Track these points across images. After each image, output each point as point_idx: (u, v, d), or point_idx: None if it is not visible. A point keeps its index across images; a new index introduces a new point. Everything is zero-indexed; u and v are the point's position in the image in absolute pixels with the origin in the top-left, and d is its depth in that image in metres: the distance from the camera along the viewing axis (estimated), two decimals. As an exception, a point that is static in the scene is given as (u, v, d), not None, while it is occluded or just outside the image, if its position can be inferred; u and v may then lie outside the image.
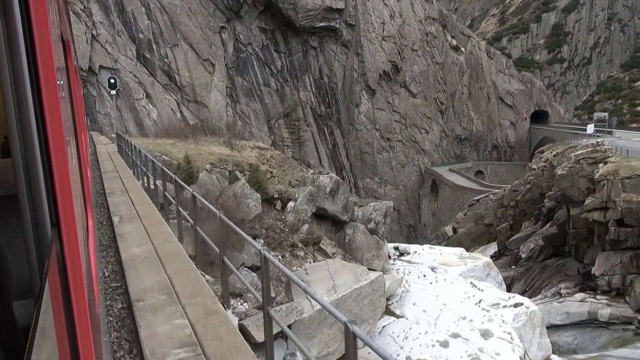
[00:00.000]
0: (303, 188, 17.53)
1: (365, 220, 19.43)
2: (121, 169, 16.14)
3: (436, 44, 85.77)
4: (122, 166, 16.95)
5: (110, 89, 26.22)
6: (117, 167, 16.44)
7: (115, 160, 18.98)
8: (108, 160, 19.02)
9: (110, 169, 16.23)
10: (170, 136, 25.12)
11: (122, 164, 17.62)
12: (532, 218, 36.96)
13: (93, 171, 14.22)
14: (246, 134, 65.80)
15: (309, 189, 17.21)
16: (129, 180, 13.90)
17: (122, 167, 16.54)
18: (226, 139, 21.50)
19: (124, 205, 11.09)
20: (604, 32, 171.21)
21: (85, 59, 56.03)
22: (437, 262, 19.69)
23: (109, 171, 15.70)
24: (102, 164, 17.64)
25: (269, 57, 73.39)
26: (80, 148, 3.60)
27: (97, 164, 17.81)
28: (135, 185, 13.31)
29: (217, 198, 15.10)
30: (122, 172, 15.45)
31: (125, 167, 16.76)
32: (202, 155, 17.64)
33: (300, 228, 16.84)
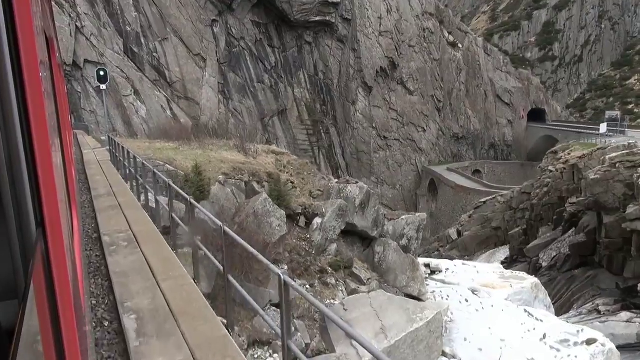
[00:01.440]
0: (331, 201, 15.01)
1: (397, 236, 16.97)
2: (119, 189, 12.64)
3: (433, 40, 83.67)
4: (119, 184, 13.40)
5: (100, 83, 22.58)
6: (112, 185, 13.05)
7: (109, 172, 15.44)
8: (99, 173, 15.43)
9: (104, 189, 12.78)
10: (169, 138, 22.12)
11: (118, 180, 14.04)
12: (550, 223, 34.91)
13: (80, 194, 11.19)
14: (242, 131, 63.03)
15: (338, 203, 14.72)
16: (134, 214, 10.18)
17: (119, 186, 13.08)
18: (239, 142, 18.71)
19: (143, 292, 6.64)
20: (594, 30, 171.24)
21: (69, 52, 52.71)
22: (477, 283, 17.39)
23: (103, 194, 12.08)
24: (92, 179, 14.16)
25: (262, 52, 70.55)
26: (65, 146, 3.56)
27: (86, 179, 14.26)
28: (148, 227, 9.48)
29: (234, 217, 12.54)
30: (121, 195, 11.92)
31: (123, 187, 13.30)
32: (213, 163, 14.93)
33: (328, 248, 14.35)
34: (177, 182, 11.89)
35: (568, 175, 33.89)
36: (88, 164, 17.82)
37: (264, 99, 69.52)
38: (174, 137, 22.00)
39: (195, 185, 12.33)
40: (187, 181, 12.72)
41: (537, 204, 36.60)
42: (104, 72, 19.73)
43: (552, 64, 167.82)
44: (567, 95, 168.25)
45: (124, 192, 12.21)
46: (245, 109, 67.39)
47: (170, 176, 12.03)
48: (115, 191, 12.02)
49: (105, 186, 12.99)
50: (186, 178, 13.01)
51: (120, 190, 12.21)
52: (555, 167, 35.65)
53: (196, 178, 12.59)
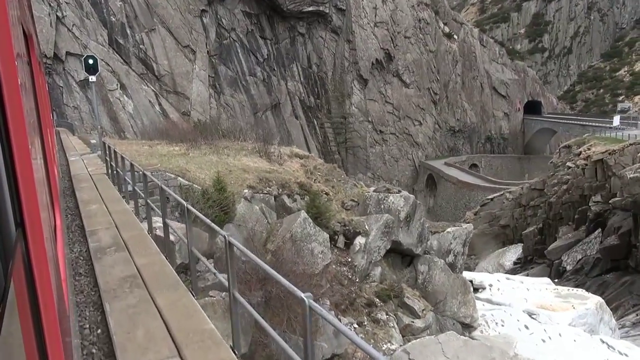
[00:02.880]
0: (375, 217, 12.59)
1: (442, 252, 14.61)
2: (130, 232, 8.03)
3: (429, 31, 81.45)
4: (128, 223, 8.51)
5: (88, 73, 19.08)
6: (116, 222, 8.60)
7: (108, 196, 10.64)
8: (95, 198, 10.60)
9: (107, 233, 8.14)
10: (171, 139, 19.16)
11: (123, 209, 9.54)
12: (571, 223, 32.98)
13: (70, 242, 7.64)
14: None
15: (384, 219, 12.31)
16: (148, 259, 6.85)
17: (130, 228, 8.26)
18: (259, 145, 15.94)
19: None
20: (583, 22, 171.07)
21: (50, 44, 49.31)
22: (532, 304, 15.18)
23: (109, 247, 7.47)
24: (87, 211, 9.60)
25: (254, 44, 67.57)
26: (46, 144, 3.48)
27: (77, 212, 9.95)
28: (163, 269, 6.57)
29: (265, 242, 10.06)
30: (135, 244, 7.48)
31: (137, 228, 8.33)
32: (234, 173, 12.26)
33: (371, 273, 11.95)
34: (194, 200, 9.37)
35: (590, 172, 31.91)
36: (77, 179, 13.06)
37: (256, 92, 66.64)
38: (177, 137, 19.10)
39: (217, 204, 9.78)
40: (208, 199, 10.11)
41: (555, 202, 34.61)
42: (93, 61, 16.41)
43: (542, 56, 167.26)
44: (557, 87, 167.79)
45: (142, 241, 7.50)
46: (237, 103, 64.47)
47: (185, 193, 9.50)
48: (128, 240, 7.45)
49: (109, 226, 8.35)
50: (205, 194, 10.39)
51: (137, 239, 7.53)
52: (574, 162, 33.65)
53: (218, 195, 10.00)
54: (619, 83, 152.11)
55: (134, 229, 8.06)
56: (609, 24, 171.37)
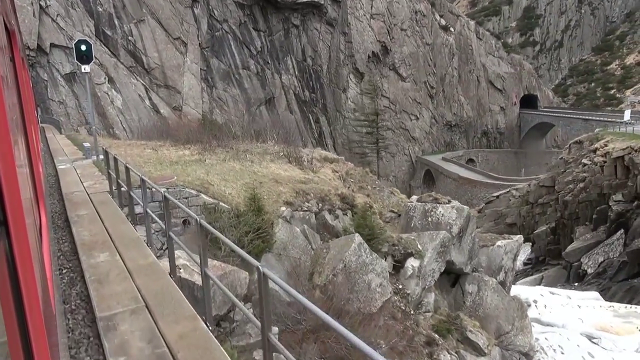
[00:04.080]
0: (429, 234, 10.73)
1: (493, 270, 12.78)
2: (173, 315, 4.85)
3: (425, 24, 79.72)
4: (165, 296, 5.21)
5: (81, 62, 15.50)
6: (145, 296, 5.36)
7: (118, 231, 7.56)
8: (100, 238, 7.36)
9: (134, 322, 4.84)
10: (176, 140, 16.84)
11: (149, 263, 6.20)
12: (588, 223, 31.55)
13: (77, 344, 4.55)
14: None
15: (441, 237, 10.49)
16: None
17: (168, 303, 5.04)
18: (291, 149, 13.74)
19: None
20: (574, 15, 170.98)
21: (33, 35, 46.59)
22: (590, 325, 13.52)
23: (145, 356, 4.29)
24: (90, 260, 6.55)
25: (247, 36, 65.19)
26: (30, 141, 3.44)
27: (77, 268, 6.60)
28: None
29: (311, 274, 8.15)
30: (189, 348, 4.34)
31: (182, 308, 4.95)
32: (265, 185, 10.19)
33: (424, 300, 10.11)
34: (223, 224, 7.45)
35: (610, 170, 30.46)
36: (72, 202, 9.64)
37: (250, 86, 64.36)
38: (182, 138, 16.81)
39: (253, 228, 7.81)
40: (240, 222, 8.10)
41: (571, 200, 33.12)
42: (86, 46, 13.88)
43: (533, 49, 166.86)
44: (549, 81, 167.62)
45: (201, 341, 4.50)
46: (230, 97, 62.17)
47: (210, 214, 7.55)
48: (176, 343, 4.38)
49: (135, 307, 5.16)
50: (237, 216, 8.34)
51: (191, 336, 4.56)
52: (591, 159, 32.16)
53: (254, 217, 7.99)
54: (610, 77, 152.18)
55: (180, 309, 4.84)
56: (599, 18, 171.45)
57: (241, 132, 20.58)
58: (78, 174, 12.98)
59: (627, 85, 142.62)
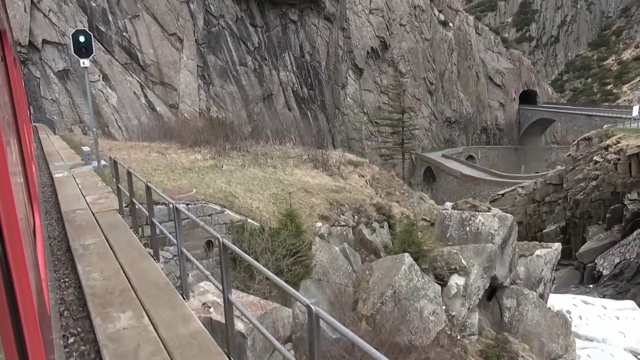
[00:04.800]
0: (474, 247, 9.67)
1: (532, 282, 11.75)
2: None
3: (424, 19, 78.69)
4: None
5: (79, 55, 13.14)
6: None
7: (138, 272, 5.86)
8: (115, 282, 5.67)
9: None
10: (182, 142, 15.50)
11: (193, 332, 4.55)
12: (601, 222, 30.72)
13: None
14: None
15: (488, 250, 9.43)
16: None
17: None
18: (316, 153, 12.50)
19: None
20: (570, 10, 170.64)
21: (24, 31, 45.13)
22: (634, 340, 12.59)
23: None
24: (108, 328, 4.72)
25: (244, 32, 63.89)
26: (23, 141, 3.40)
27: (92, 339, 4.75)
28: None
29: (355, 302, 7.04)
30: None
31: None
32: (295, 195, 8.93)
33: (467, 322, 9.03)
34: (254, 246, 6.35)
35: (624, 168, 29.62)
36: (74, 224, 7.91)
37: (247, 83, 63.10)
38: (190, 140, 15.46)
39: (291, 251, 6.67)
40: (273, 242, 6.96)
41: (583, 199, 32.27)
42: (85, 37, 12.68)
43: (530, 45, 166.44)
44: (545, 77, 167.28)
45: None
46: (227, 94, 60.89)
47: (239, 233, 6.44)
48: None
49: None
50: (271, 234, 7.17)
51: None
52: (603, 156, 31.30)
53: (292, 238, 6.82)
54: (607, 72, 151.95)
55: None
56: (595, 13, 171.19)
57: (256, 133, 19.32)
58: (78, 185, 11.05)
59: (624, 80, 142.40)
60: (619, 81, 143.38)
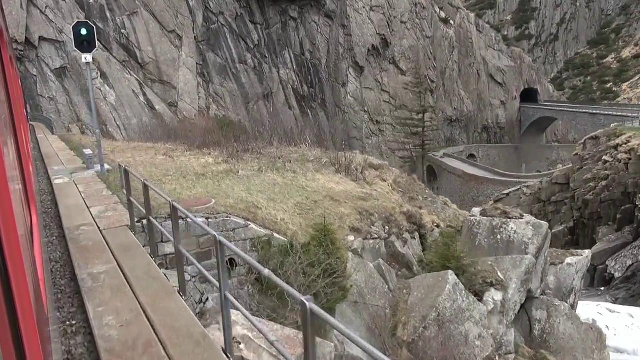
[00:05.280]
0: (512, 259, 9.01)
1: (562, 293, 11.07)
2: None
3: (425, 16, 78.03)
4: None
5: (81, 50, 11.94)
6: None
7: (159, 308, 4.80)
8: (133, 320, 4.63)
9: None
10: (190, 143, 14.63)
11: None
12: (611, 223, 30.14)
13: None
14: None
15: (526, 262, 8.78)
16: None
17: None
18: (337, 156, 11.66)
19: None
20: (569, 8, 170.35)
21: (20, 28, 44.22)
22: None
23: None
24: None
25: (243, 29, 63.05)
26: (20, 140, 3.41)
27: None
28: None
29: (394, 326, 6.35)
30: None
31: None
32: (321, 203, 8.17)
33: (504, 339, 8.34)
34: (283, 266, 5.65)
35: (635, 167, 29.03)
36: (79, 245, 6.77)
37: (247, 81, 62.28)
38: (197, 141, 14.57)
39: (326, 271, 5.90)
40: (302, 260, 6.20)
41: (592, 199, 31.69)
42: (87, 30, 11.69)
43: (529, 43, 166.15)
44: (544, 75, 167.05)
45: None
46: (227, 92, 60.07)
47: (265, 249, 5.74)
48: None
49: None
50: (299, 253, 6.36)
51: None
52: (613, 156, 30.71)
53: (326, 255, 6.02)
54: (606, 70, 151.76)
55: None
56: (595, 11, 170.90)
57: (270, 134, 18.50)
58: (81, 194, 9.81)
59: (624, 78, 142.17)
60: (618, 79, 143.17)
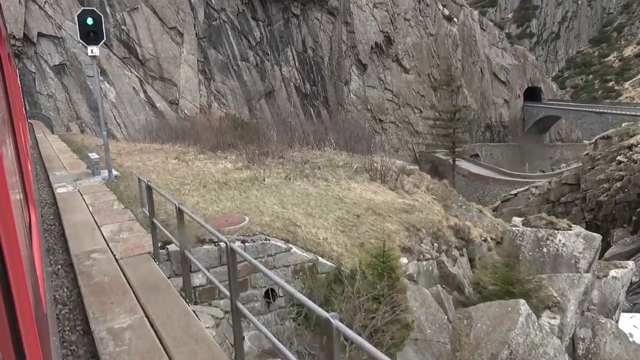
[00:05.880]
0: (569, 277, 8.14)
1: (608, 308, 10.17)
2: None
3: (429, 13, 77.13)
4: None
5: (87, 42, 9.77)
6: None
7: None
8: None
9: None
10: (202, 145, 13.46)
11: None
12: (626, 225, 29.39)
13: None
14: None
15: (585, 281, 7.91)
16: None
17: None
18: (370, 161, 10.52)
19: None
20: (571, 6, 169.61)
21: (19, 24, 43.28)
22: None
23: None
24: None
25: (245, 26, 62.08)
26: (18, 138, 3.38)
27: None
28: None
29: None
30: None
31: None
32: (363, 219, 6.85)
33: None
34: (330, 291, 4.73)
35: (652, 168, 28.32)
36: (90, 279, 5.39)
37: (249, 79, 61.33)
38: (210, 143, 13.41)
39: (389, 305, 4.85)
40: (354, 291, 5.17)
41: (606, 201, 30.92)
42: (94, 20, 9.96)
43: (530, 41, 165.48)
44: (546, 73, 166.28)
45: None
46: (229, 90, 59.13)
47: (313, 277, 4.85)
48: None
49: None
50: (350, 278, 5.33)
51: None
52: (628, 156, 29.94)
53: (386, 287, 4.95)
54: (608, 69, 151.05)
55: None
56: (596, 9, 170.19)
57: (290, 135, 17.41)
58: (88, 207, 8.47)
59: (626, 77, 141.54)
60: (620, 78, 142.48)
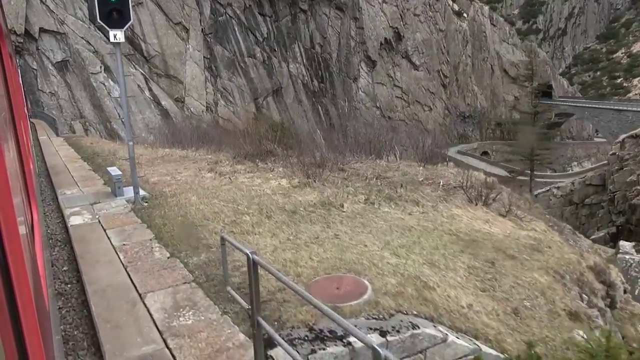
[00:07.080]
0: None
1: None
2: None
3: (439, 9, 75.46)
4: None
5: (109, 25, 6.96)
6: None
7: None
8: None
9: None
10: (236, 149, 11.04)
11: None
12: (661, 230, 27.93)
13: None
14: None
15: None
16: None
17: None
18: (467, 178, 7.84)
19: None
20: (578, 2, 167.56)
21: (20, 19, 41.73)
22: None
23: None
24: None
25: (252, 21, 60.48)
26: (20, 137, 3.39)
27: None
28: None
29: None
30: None
31: None
32: (499, 266, 5.37)
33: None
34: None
35: (690, 169, 26.82)
36: None
37: (256, 76, 59.75)
38: (244, 150, 11.05)
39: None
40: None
41: (637, 204, 29.45)
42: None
43: (537, 37, 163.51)
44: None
45: None
46: (235, 87, 57.55)
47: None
48: None
49: None
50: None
51: None
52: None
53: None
54: (616, 65, 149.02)
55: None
56: (603, 5, 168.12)
57: (342, 141, 15.66)
58: (117, 252, 5.98)
59: (635, 74, 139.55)
60: (629, 74, 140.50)
